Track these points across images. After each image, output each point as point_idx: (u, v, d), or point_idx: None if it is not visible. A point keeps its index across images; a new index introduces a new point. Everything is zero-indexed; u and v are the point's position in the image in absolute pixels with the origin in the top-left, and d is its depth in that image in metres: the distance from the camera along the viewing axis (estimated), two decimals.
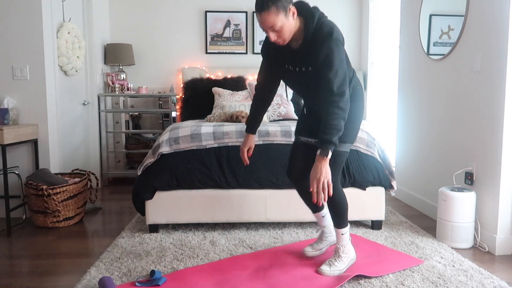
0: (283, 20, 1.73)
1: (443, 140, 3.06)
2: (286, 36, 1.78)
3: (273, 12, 1.70)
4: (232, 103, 3.89)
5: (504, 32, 2.36)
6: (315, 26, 1.78)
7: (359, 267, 2.16)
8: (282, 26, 1.74)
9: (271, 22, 1.72)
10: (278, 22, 1.72)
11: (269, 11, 1.70)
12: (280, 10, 1.70)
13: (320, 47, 1.76)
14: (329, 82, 1.75)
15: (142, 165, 2.72)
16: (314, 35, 1.79)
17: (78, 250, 2.54)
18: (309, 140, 2.09)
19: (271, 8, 1.69)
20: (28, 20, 3.15)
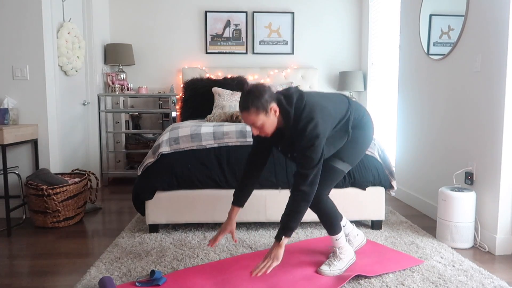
0: (264, 119, 1.82)
1: (443, 140, 3.06)
2: (268, 131, 1.87)
3: (253, 113, 1.79)
4: (232, 103, 3.89)
5: (504, 32, 2.36)
6: (293, 120, 1.85)
7: (359, 267, 2.16)
8: (263, 123, 1.84)
9: (251, 121, 1.82)
10: (259, 121, 1.82)
11: (249, 112, 1.79)
12: (259, 110, 1.79)
13: (300, 140, 1.84)
14: (304, 175, 1.83)
15: (142, 165, 2.72)
16: (294, 128, 1.85)
17: (78, 250, 2.54)
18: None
19: (251, 109, 1.79)
20: (28, 20, 3.15)
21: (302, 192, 1.82)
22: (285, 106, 1.84)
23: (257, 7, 4.93)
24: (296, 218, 1.83)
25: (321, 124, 1.83)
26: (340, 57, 5.07)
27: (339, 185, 2.74)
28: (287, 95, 1.88)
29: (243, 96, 1.80)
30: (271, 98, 1.81)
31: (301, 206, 1.83)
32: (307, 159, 1.82)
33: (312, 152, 1.81)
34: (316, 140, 1.80)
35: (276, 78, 4.88)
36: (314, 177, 1.83)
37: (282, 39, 4.96)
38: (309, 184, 1.82)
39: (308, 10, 4.98)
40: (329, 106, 1.93)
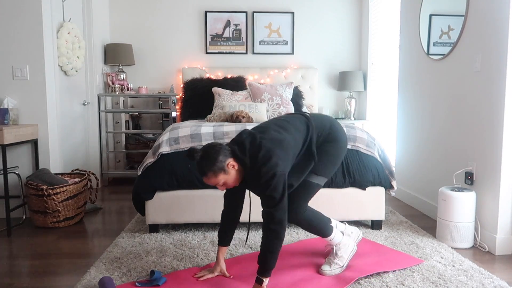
0: (224, 177, 1.83)
1: (443, 140, 3.06)
2: (232, 184, 1.88)
3: (211, 177, 1.81)
4: (232, 103, 3.89)
5: (504, 32, 2.36)
6: (251, 164, 1.84)
7: (359, 268, 2.16)
8: (226, 181, 1.84)
9: (213, 183, 1.84)
10: (219, 181, 1.83)
11: (207, 177, 1.82)
12: (217, 172, 1.80)
13: (258, 181, 1.82)
14: (270, 214, 1.82)
15: (142, 165, 2.72)
16: (252, 173, 1.84)
17: (78, 250, 2.54)
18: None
19: (208, 174, 1.81)
20: (28, 20, 3.15)
21: (272, 231, 1.81)
22: (239, 157, 1.84)
23: (257, 7, 4.93)
24: (272, 258, 1.82)
25: (279, 161, 1.81)
26: (340, 57, 5.07)
27: (339, 185, 2.74)
28: (240, 143, 1.88)
29: (197, 164, 1.82)
30: (225, 156, 1.81)
31: (275, 245, 1.82)
32: (269, 199, 1.80)
33: (272, 191, 1.79)
34: (273, 179, 1.77)
35: (276, 78, 4.88)
36: (282, 214, 1.81)
37: (282, 39, 4.96)
38: (278, 223, 1.81)
39: (308, 10, 4.98)
40: (287, 136, 1.91)
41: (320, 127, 2.03)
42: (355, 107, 4.90)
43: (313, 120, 2.04)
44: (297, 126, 1.99)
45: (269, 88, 4.13)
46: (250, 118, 3.51)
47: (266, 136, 1.88)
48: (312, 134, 1.99)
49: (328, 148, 2.03)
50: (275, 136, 1.89)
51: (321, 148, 2.02)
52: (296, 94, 4.38)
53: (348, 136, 2.78)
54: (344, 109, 5.10)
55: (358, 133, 2.81)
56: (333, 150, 2.03)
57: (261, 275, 1.83)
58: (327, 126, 2.05)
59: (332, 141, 2.04)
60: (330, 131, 2.04)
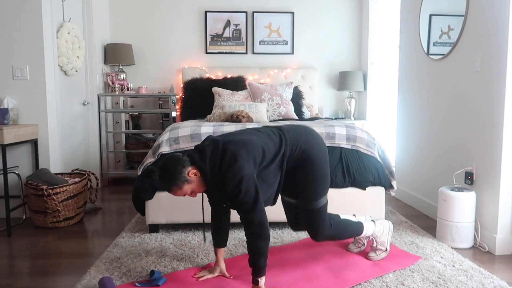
0: (189, 187, 1.83)
1: (443, 140, 3.06)
2: (201, 190, 1.88)
3: (176, 190, 1.81)
4: (232, 103, 3.89)
5: (504, 32, 2.36)
6: (211, 174, 1.81)
7: (360, 268, 2.16)
8: (192, 190, 1.84)
9: (181, 195, 1.84)
10: (187, 191, 1.83)
11: (174, 191, 1.82)
12: (180, 184, 1.80)
13: (225, 188, 1.79)
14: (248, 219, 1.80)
15: (142, 165, 2.72)
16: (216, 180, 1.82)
17: (78, 250, 2.54)
18: (290, 200, 2.12)
19: (172, 188, 1.81)
20: (28, 20, 3.15)
21: (255, 234, 1.79)
22: (199, 164, 1.82)
23: (257, 7, 4.93)
24: (262, 257, 1.81)
25: (245, 163, 1.78)
26: (340, 57, 5.07)
27: (339, 185, 2.74)
28: (201, 150, 1.86)
29: (161, 182, 1.81)
30: (184, 167, 1.80)
31: (261, 245, 1.80)
32: (243, 204, 1.78)
33: (244, 196, 1.76)
34: (241, 184, 1.75)
35: (276, 78, 4.88)
36: (260, 216, 1.79)
37: (282, 39, 4.96)
38: (258, 225, 1.79)
39: (308, 10, 4.98)
40: (254, 139, 1.88)
41: (295, 141, 1.97)
42: (355, 107, 4.90)
43: (287, 132, 1.99)
44: (269, 134, 1.96)
45: (269, 88, 4.13)
46: (250, 118, 3.52)
47: (230, 140, 1.86)
48: (286, 146, 1.94)
49: (310, 171, 1.98)
50: (240, 138, 1.87)
51: (305, 172, 1.98)
52: (296, 94, 4.38)
53: (348, 136, 2.78)
54: (344, 109, 5.10)
55: (358, 133, 2.81)
56: (317, 171, 1.99)
57: (256, 276, 1.83)
58: (302, 141, 1.99)
59: (310, 163, 1.98)
60: (305, 148, 1.98)
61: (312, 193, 1.99)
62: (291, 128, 2.03)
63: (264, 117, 3.82)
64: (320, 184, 2.00)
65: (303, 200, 2.01)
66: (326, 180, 2.03)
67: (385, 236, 2.28)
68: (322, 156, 2.02)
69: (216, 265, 2.10)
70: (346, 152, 2.77)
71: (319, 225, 2.03)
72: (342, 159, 2.75)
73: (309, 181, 1.99)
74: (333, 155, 2.76)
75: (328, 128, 2.81)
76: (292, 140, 1.96)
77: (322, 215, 2.03)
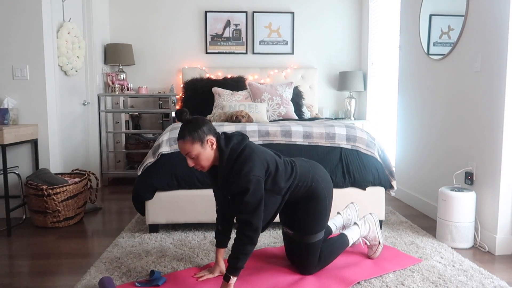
0: (199, 149, 1.82)
1: (443, 140, 3.06)
2: (203, 163, 1.87)
3: (188, 141, 1.81)
4: (232, 103, 3.89)
5: (504, 32, 2.36)
6: (228, 161, 1.84)
7: (360, 268, 2.16)
8: (198, 154, 1.83)
9: (186, 150, 1.83)
10: (194, 151, 1.82)
11: (184, 140, 1.82)
12: (195, 140, 1.81)
13: (234, 184, 1.82)
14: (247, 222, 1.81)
15: (142, 165, 2.72)
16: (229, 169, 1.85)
17: (78, 250, 2.54)
18: (289, 232, 2.15)
19: (186, 137, 1.81)
20: (28, 20, 3.15)
21: (248, 237, 1.80)
22: (221, 145, 1.85)
23: (257, 7, 4.93)
24: (244, 259, 1.82)
25: (258, 167, 1.82)
26: (340, 57, 5.07)
27: (339, 185, 2.74)
28: (229, 136, 1.91)
29: (182, 126, 1.84)
30: (209, 131, 1.84)
31: (249, 249, 1.81)
32: (246, 205, 1.79)
33: (251, 196, 1.78)
34: (250, 184, 1.77)
35: (276, 78, 4.88)
36: (258, 221, 1.81)
37: (282, 39, 4.96)
38: (255, 230, 1.80)
39: (308, 10, 4.98)
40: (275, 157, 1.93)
41: (302, 177, 2.02)
42: (355, 107, 4.90)
43: (299, 167, 2.03)
44: (286, 162, 2.01)
45: (269, 88, 4.13)
46: (250, 118, 3.52)
47: (253, 145, 1.91)
48: (295, 179, 1.98)
49: (312, 206, 2.03)
50: (262, 149, 1.92)
51: (307, 206, 2.03)
52: (296, 94, 4.38)
53: (348, 136, 2.78)
54: (344, 109, 5.10)
55: (358, 133, 2.81)
56: (319, 206, 2.04)
57: (230, 273, 1.83)
58: (310, 178, 2.03)
59: (314, 198, 2.03)
60: (312, 185, 2.03)
61: (309, 227, 2.03)
62: (301, 164, 2.07)
63: (264, 117, 3.82)
64: (319, 220, 2.04)
65: (300, 233, 2.05)
66: (325, 217, 2.07)
67: (374, 231, 2.29)
68: (327, 193, 2.07)
69: (216, 265, 2.10)
70: (346, 152, 2.77)
71: (309, 260, 2.05)
72: (342, 159, 2.76)
73: (308, 215, 2.03)
74: (333, 155, 2.76)
75: (328, 128, 2.81)
76: (301, 175, 2.01)
77: (313, 251, 2.05)
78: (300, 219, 2.04)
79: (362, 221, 2.29)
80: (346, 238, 2.19)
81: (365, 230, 2.27)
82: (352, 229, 2.25)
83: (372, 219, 2.31)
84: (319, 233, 2.05)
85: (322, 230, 2.06)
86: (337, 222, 2.37)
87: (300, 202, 2.05)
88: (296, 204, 2.06)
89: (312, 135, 2.78)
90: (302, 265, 2.08)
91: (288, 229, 2.13)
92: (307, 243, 2.04)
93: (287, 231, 2.15)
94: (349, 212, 2.43)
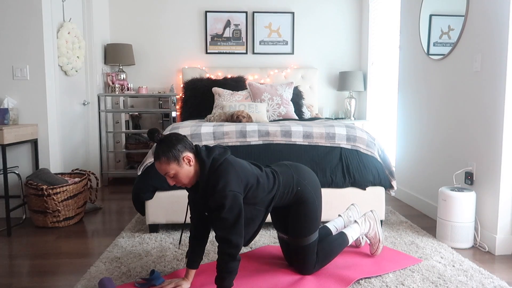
0: (176, 168, 1.79)
1: (443, 140, 3.06)
2: (183, 181, 1.84)
3: (164, 162, 1.77)
4: (232, 103, 3.89)
5: (504, 32, 2.36)
6: (208, 170, 1.81)
7: (360, 269, 2.16)
8: (176, 173, 1.80)
9: (163, 171, 1.80)
10: (171, 170, 1.79)
11: (160, 162, 1.78)
12: (170, 160, 1.77)
13: (211, 198, 1.78)
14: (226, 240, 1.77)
15: (142, 165, 2.72)
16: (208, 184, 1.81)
17: (78, 250, 2.54)
18: (283, 236, 2.15)
19: (161, 158, 1.77)
20: (28, 20, 3.15)
21: (229, 255, 1.77)
22: (202, 156, 1.82)
23: (257, 7, 4.93)
24: (230, 278, 1.79)
25: (234, 182, 1.78)
26: (340, 57, 5.07)
27: (339, 185, 2.74)
28: (210, 148, 1.88)
29: (155, 146, 1.80)
30: (184, 148, 1.80)
31: (232, 266, 1.78)
32: (224, 221, 1.75)
33: (227, 212, 1.74)
34: (226, 200, 1.73)
35: (276, 78, 4.88)
36: (238, 238, 1.77)
37: (282, 39, 4.96)
38: (235, 247, 1.76)
39: (308, 10, 4.98)
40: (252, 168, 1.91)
41: (286, 184, 2.00)
42: (355, 107, 4.90)
43: (281, 175, 2.00)
44: (267, 174, 1.97)
45: (269, 88, 4.13)
46: (250, 118, 3.52)
47: (234, 159, 1.88)
48: (278, 189, 1.96)
49: (301, 210, 2.02)
50: (241, 164, 1.88)
51: (297, 211, 2.02)
52: (296, 94, 4.38)
53: (348, 136, 2.78)
54: (344, 109, 5.10)
55: (358, 133, 2.81)
56: (308, 209, 2.03)
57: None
58: (294, 183, 2.01)
59: (302, 202, 2.02)
60: (298, 189, 2.02)
61: (302, 231, 2.02)
62: (284, 171, 2.03)
63: (264, 117, 3.82)
64: (310, 223, 2.03)
65: (293, 237, 2.05)
66: (317, 218, 2.06)
67: (374, 228, 2.29)
68: (314, 195, 2.05)
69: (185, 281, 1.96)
70: (346, 152, 2.77)
71: (306, 261, 2.05)
72: (342, 159, 2.76)
73: (299, 219, 2.03)
74: (333, 155, 2.76)
75: (328, 128, 2.81)
76: (285, 183, 1.99)
77: (309, 252, 2.05)
78: (292, 224, 2.04)
79: (362, 218, 2.29)
80: (345, 237, 2.19)
81: (365, 228, 2.28)
82: (352, 227, 2.25)
83: (372, 216, 2.31)
84: (312, 235, 2.05)
85: (315, 231, 2.06)
86: (338, 224, 2.36)
87: (290, 207, 2.04)
88: (287, 209, 2.05)
89: (312, 135, 2.78)
90: (300, 266, 2.08)
91: (282, 234, 2.13)
92: (302, 246, 2.04)
93: (282, 236, 2.15)
94: (350, 214, 2.42)
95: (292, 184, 2.01)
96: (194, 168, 1.83)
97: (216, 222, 1.78)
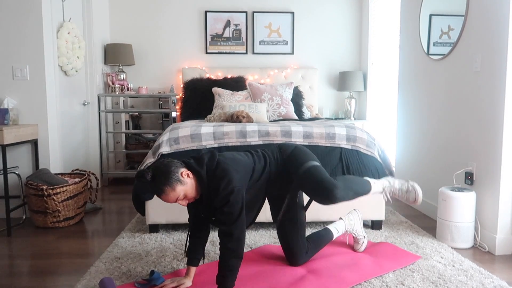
0: (182, 189, 1.78)
1: (443, 140, 3.06)
2: (193, 195, 1.84)
3: (170, 191, 1.76)
4: (232, 103, 3.89)
5: (504, 32, 2.36)
6: (207, 178, 1.83)
7: (359, 268, 2.16)
8: (185, 193, 1.80)
9: (173, 198, 1.78)
10: (179, 193, 1.78)
11: (166, 194, 1.76)
12: (173, 184, 1.75)
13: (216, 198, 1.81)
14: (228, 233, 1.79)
15: (142, 165, 2.72)
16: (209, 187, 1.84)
17: (78, 250, 2.54)
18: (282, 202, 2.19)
19: (165, 190, 1.75)
20: (28, 20, 3.15)
21: (230, 250, 1.77)
22: (195, 168, 1.83)
23: (257, 7, 4.93)
24: (232, 276, 1.78)
25: (235, 178, 1.82)
26: (340, 57, 5.07)
27: None
28: (198, 158, 1.89)
29: (151, 184, 1.77)
30: (177, 167, 1.79)
31: (234, 263, 1.78)
32: (226, 215, 1.78)
33: (231, 207, 1.77)
34: (231, 195, 1.77)
35: (276, 78, 4.88)
36: (239, 232, 1.79)
37: (282, 39, 4.96)
38: (236, 241, 1.78)
39: (308, 10, 4.98)
40: (244, 158, 1.96)
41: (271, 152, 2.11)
42: (355, 107, 4.90)
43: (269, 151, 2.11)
44: (258, 156, 2.05)
45: (269, 88, 4.13)
46: (251, 118, 3.52)
47: (225, 156, 1.93)
48: (268, 158, 2.06)
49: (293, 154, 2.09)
50: (233, 156, 1.93)
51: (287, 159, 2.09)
52: (296, 94, 4.38)
53: (348, 136, 2.78)
54: (344, 109, 5.10)
55: (358, 133, 2.81)
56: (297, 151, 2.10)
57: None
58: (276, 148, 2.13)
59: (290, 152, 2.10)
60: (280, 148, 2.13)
61: (298, 162, 2.04)
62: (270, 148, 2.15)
63: (264, 117, 3.82)
64: (302, 155, 2.07)
65: (294, 173, 2.02)
66: (307, 153, 2.10)
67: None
68: (296, 146, 2.14)
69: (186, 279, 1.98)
70: (346, 152, 2.77)
71: (323, 183, 1.91)
72: (342, 159, 2.76)
73: (295, 159, 2.06)
74: (333, 155, 2.76)
75: (328, 128, 2.81)
76: (269, 152, 2.11)
77: (318, 173, 1.96)
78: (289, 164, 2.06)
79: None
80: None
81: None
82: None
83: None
84: (309, 162, 2.02)
85: (311, 160, 2.04)
86: (339, 227, 2.34)
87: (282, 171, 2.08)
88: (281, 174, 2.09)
89: (312, 135, 2.78)
90: (322, 192, 1.90)
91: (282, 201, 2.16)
92: (305, 172, 1.97)
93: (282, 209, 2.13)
94: (351, 218, 2.39)
95: (275, 149, 2.12)
96: (194, 179, 1.85)
97: (220, 216, 1.80)
